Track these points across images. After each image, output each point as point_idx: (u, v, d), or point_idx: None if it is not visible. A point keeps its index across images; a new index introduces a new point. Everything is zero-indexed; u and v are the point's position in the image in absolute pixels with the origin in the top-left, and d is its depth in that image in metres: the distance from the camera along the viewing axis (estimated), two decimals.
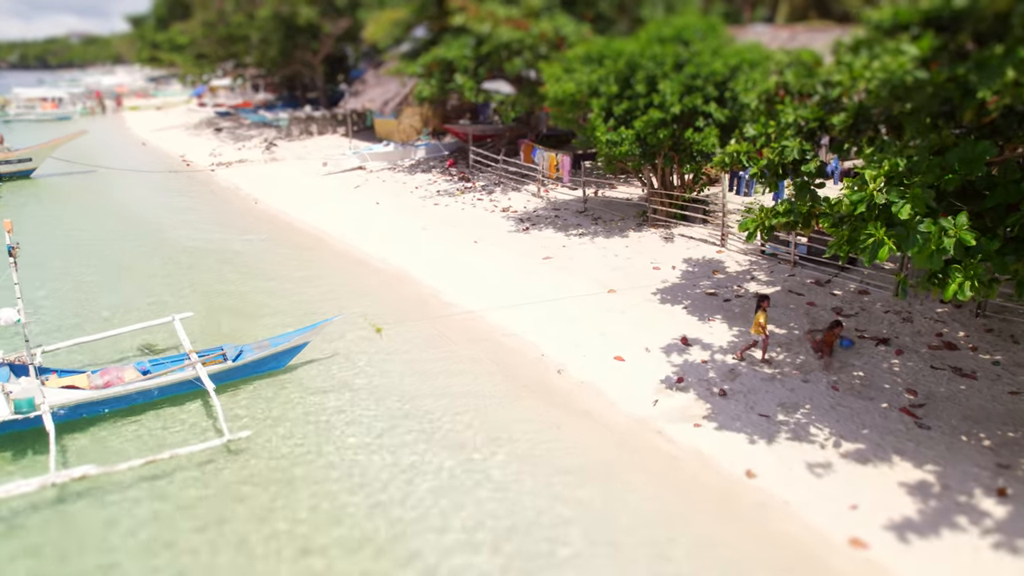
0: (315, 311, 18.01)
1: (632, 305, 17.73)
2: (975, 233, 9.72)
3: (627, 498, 10.86)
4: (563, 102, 22.37)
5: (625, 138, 21.59)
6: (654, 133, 21.50)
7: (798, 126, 14.31)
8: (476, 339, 16.28)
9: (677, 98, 20.95)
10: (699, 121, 21.54)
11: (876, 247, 9.67)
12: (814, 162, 14.26)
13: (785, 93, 15.32)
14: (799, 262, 20.31)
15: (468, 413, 13.31)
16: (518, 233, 24.75)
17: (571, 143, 38.33)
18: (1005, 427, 12.29)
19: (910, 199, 9.29)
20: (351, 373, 14.81)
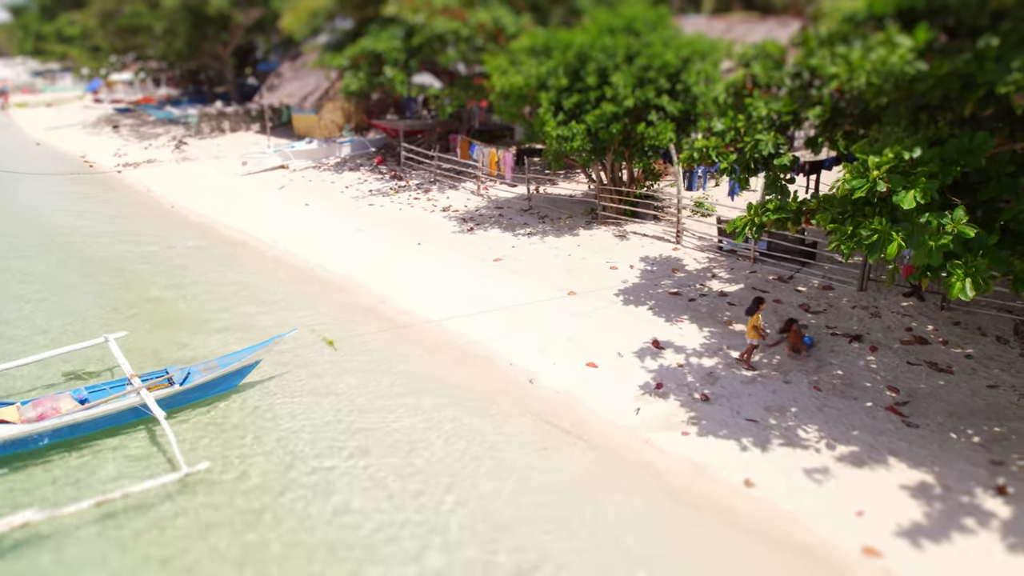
0: (257, 324, 17.11)
1: (595, 308, 17.49)
2: (974, 227, 9.80)
3: (625, 516, 10.53)
4: (509, 96, 22.00)
5: (576, 133, 21.36)
6: (606, 128, 21.36)
7: (770, 120, 14.31)
8: (438, 349, 15.73)
9: (630, 91, 20.84)
10: (651, 115, 21.49)
11: (881, 242, 9.62)
12: (787, 156, 14.29)
13: (753, 86, 15.35)
14: (759, 258, 20.47)
15: (441, 430, 12.77)
16: (463, 234, 24.26)
17: (506, 138, 38.11)
18: (990, 422, 12.52)
19: (914, 187, 9.26)
20: (309, 391, 14.03)
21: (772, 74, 15.10)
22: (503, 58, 22.13)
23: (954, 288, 9.59)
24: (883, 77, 9.71)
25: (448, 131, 37.97)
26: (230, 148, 40.41)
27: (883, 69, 9.73)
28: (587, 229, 24.27)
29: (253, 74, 58.91)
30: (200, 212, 28.23)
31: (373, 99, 42.40)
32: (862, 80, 9.98)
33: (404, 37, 29.92)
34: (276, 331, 15.90)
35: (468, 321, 16.87)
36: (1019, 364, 14.50)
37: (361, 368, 14.92)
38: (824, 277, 19.23)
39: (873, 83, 9.90)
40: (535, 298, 18.09)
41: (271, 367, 14.85)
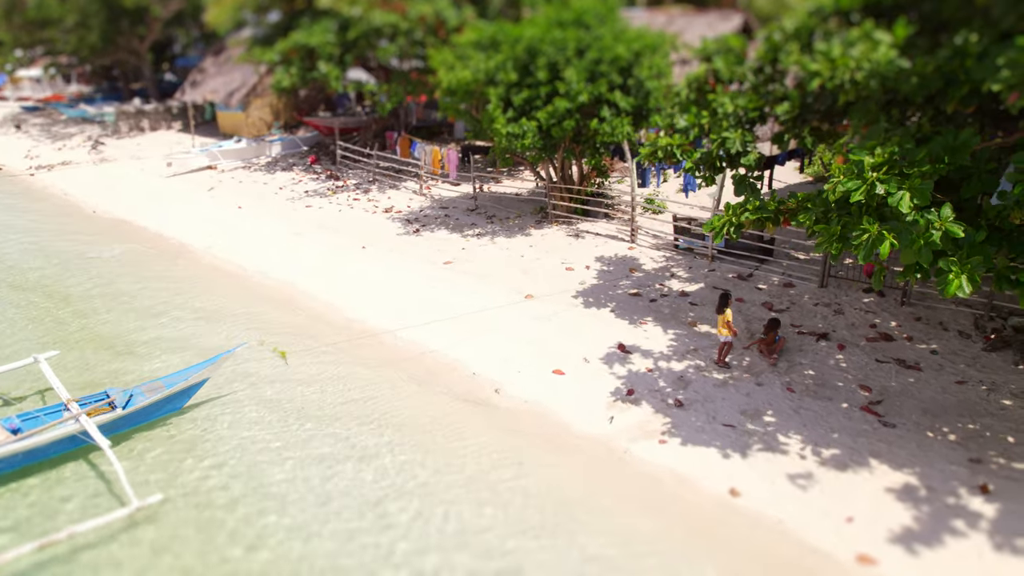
0: (199, 338, 16.31)
1: (555, 311, 17.24)
2: (962, 225, 9.84)
3: (615, 536, 10.27)
4: (456, 92, 21.58)
5: (527, 130, 21.09)
6: (559, 124, 21.13)
7: (737, 116, 14.27)
8: (395, 359, 15.23)
9: (583, 85, 20.65)
10: (604, 110, 21.35)
11: (872, 243, 9.57)
12: (753, 154, 14.27)
13: (716, 81, 15.30)
14: (717, 256, 20.53)
15: (406, 446, 12.31)
16: (408, 236, 23.74)
17: (444, 135, 37.66)
18: (963, 419, 12.68)
19: (910, 190, 9.23)
20: (263, 408, 13.38)
21: (734, 69, 15.09)
22: (449, 52, 21.69)
23: (951, 286, 9.60)
24: (869, 75, 9.64)
25: (384, 128, 37.30)
26: (152, 148, 38.91)
27: (868, 67, 9.67)
28: (538, 229, 24.03)
29: (171, 70, 57.00)
30: (125, 217, 26.98)
31: (302, 95, 41.38)
32: (847, 77, 9.90)
33: (338, 31, 29.17)
34: (220, 344, 15.20)
35: (424, 328, 16.41)
36: (983, 359, 14.78)
37: (317, 382, 14.33)
38: (784, 274, 19.37)
39: (858, 81, 9.83)
40: (491, 302, 17.74)
41: (220, 384, 14.14)
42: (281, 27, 32.46)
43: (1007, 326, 16.17)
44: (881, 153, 9.46)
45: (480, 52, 21.53)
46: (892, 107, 11.69)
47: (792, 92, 13.25)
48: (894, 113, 11.55)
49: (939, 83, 9.55)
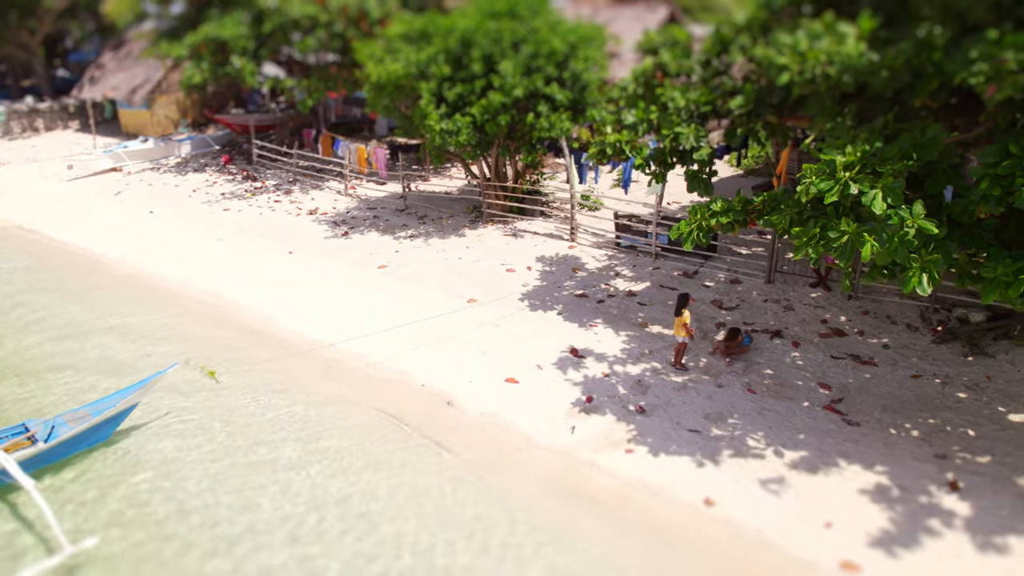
0: (120, 358, 15.30)
1: (501, 316, 16.86)
2: (934, 221, 9.87)
3: (588, 551, 9.96)
4: (385, 86, 20.97)
5: (462, 126, 20.64)
6: (493, 119, 20.76)
7: (689, 111, 14.16)
8: (337, 373, 14.59)
9: (519, 79, 20.32)
10: (540, 104, 21.07)
11: (851, 245, 9.50)
12: (706, 149, 14.19)
13: (663, 75, 15.18)
14: (661, 254, 20.49)
15: (354, 469, 11.74)
16: (337, 239, 23.01)
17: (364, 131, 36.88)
18: (922, 413, 12.85)
19: (884, 189, 9.19)
20: (196, 435, 12.56)
21: (682, 62, 14.99)
22: (377, 45, 21.05)
23: (910, 283, 9.62)
24: (841, 69, 9.57)
25: (302, 125, 36.29)
26: (49, 149, 36.88)
27: (839, 60, 9.60)
28: (473, 229, 23.62)
29: (64, 65, 54.31)
30: (24, 225, 25.35)
31: (210, 92, 39.88)
32: (818, 72, 9.81)
33: (252, 23, 28.11)
34: (145, 364, 14.30)
35: (364, 338, 15.80)
36: (933, 352, 15.06)
37: (253, 403, 13.59)
38: (730, 271, 19.45)
39: (831, 75, 9.75)
40: (433, 309, 17.24)
41: (148, 409, 13.25)
42: (188, 19, 31.13)
43: (952, 318, 16.53)
44: (852, 152, 9.39)
45: (410, 45, 20.97)
46: (849, 101, 11.70)
47: (746, 86, 13.18)
48: (851, 108, 11.55)
49: (908, 77, 9.54)
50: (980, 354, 14.96)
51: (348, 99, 37.55)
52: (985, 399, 13.32)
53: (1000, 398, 13.34)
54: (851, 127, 9.99)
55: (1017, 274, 9.53)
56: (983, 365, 14.51)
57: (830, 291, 18.05)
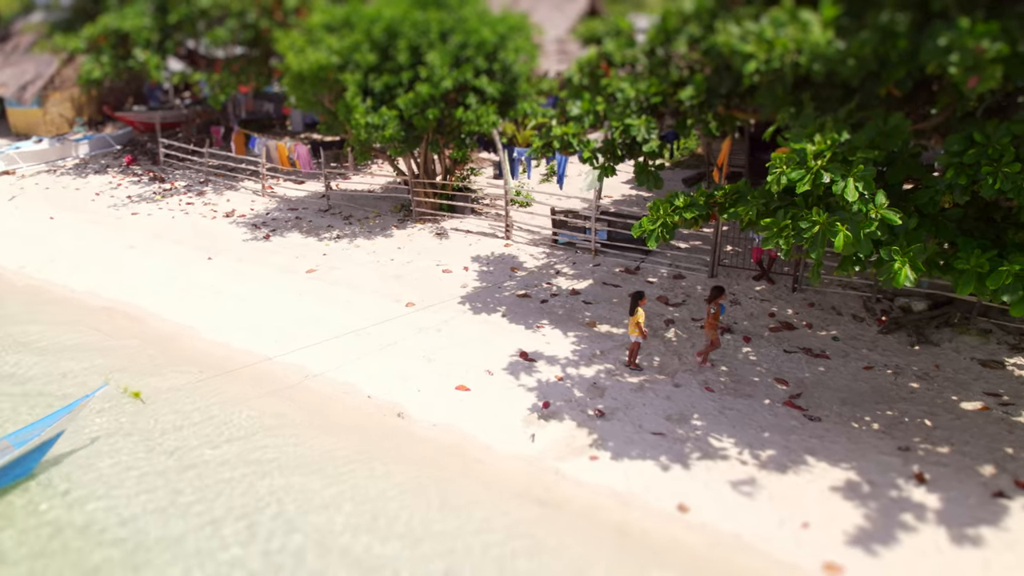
0: (33, 382, 14.18)
1: (443, 320, 16.41)
2: (898, 211, 9.90)
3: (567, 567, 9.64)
4: (307, 78, 20.21)
5: (389, 120, 20.07)
6: (421, 113, 20.25)
7: (638, 102, 13.98)
8: (274, 388, 13.88)
9: (447, 71, 19.86)
10: (469, 97, 20.67)
11: (823, 236, 9.42)
12: (655, 141, 14.04)
13: (608, 65, 14.99)
14: (600, 250, 20.35)
15: (301, 494, 11.11)
16: (258, 242, 22.12)
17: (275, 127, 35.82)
18: (879, 406, 13.00)
19: (854, 177, 9.13)
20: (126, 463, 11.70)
21: (626, 52, 14.81)
22: (297, 35, 20.26)
23: (900, 276, 9.61)
24: (811, 57, 9.47)
25: (209, 122, 34.94)
26: None
27: (808, 48, 9.50)
28: (402, 228, 23.07)
29: None
30: None
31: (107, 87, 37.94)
32: (788, 60, 9.70)
33: (156, 13, 26.80)
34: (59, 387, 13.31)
35: (297, 347, 15.12)
36: (882, 342, 15.31)
37: (184, 424, 12.77)
38: (672, 265, 19.45)
39: (801, 64, 9.65)
40: (369, 314, 16.67)
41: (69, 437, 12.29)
42: (82, 10, 29.49)
43: (895, 307, 16.88)
44: (822, 140, 9.32)
45: (332, 34, 20.25)
46: (802, 91, 11.67)
47: (696, 77, 13.06)
48: (805, 97, 11.52)
49: (874, 65, 9.51)
50: (926, 342, 15.27)
51: (258, 94, 36.35)
52: (936, 388, 13.56)
53: (951, 386, 13.60)
54: (816, 116, 9.90)
55: (993, 265, 9.59)
56: (930, 354, 14.80)
57: (773, 283, 18.22)
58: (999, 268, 9.73)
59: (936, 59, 8.68)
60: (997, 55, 8.23)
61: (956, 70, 8.30)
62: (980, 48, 8.30)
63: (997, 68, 8.27)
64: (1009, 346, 15.04)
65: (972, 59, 8.16)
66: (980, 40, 8.37)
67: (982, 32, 8.47)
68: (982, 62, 8.18)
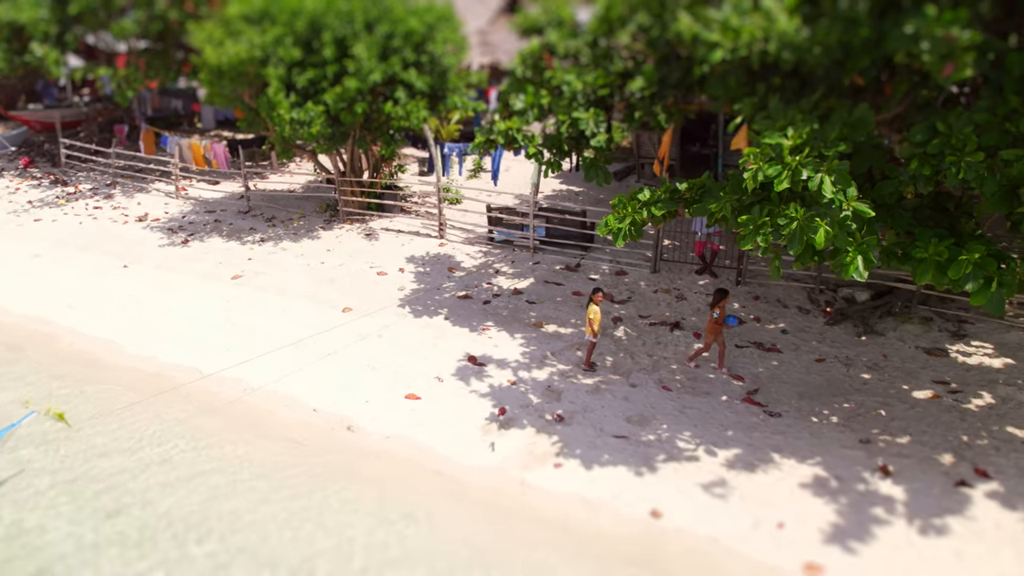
0: None
1: (383, 325, 15.94)
2: (868, 202, 9.95)
3: None
4: (226, 73, 19.39)
5: (315, 116, 19.44)
6: (349, 108, 19.69)
7: (585, 95, 13.81)
8: (211, 406, 13.17)
9: (376, 63, 19.32)
10: (398, 91, 20.19)
11: (801, 232, 9.37)
12: (603, 136, 13.90)
13: (551, 56, 14.78)
14: (539, 247, 20.15)
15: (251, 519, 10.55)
16: (177, 248, 21.17)
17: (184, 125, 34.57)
18: (836, 398, 13.14)
19: (829, 172, 9.11)
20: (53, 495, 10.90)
21: (569, 43, 14.62)
22: (216, 27, 19.42)
23: (850, 268, 9.65)
24: (780, 45, 9.40)
25: (112, 120, 33.40)
26: None
27: (777, 36, 9.43)
28: (329, 229, 22.44)
29: None
30: None
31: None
32: (756, 49, 9.60)
33: (55, 4, 25.36)
34: None
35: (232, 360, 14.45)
36: (829, 333, 15.53)
37: (117, 449, 11.98)
38: (613, 262, 19.38)
39: (770, 52, 9.56)
40: (305, 321, 16.07)
41: None
42: None
43: (838, 298, 17.16)
44: (796, 134, 9.27)
45: (252, 26, 19.49)
46: (757, 81, 11.65)
47: (646, 68, 12.95)
48: (760, 88, 11.50)
49: (839, 54, 9.51)
50: (872, 332, 15.56)
51: (165, 90, 34.95)
52: (888, 378, 13.80)
53: (901, 376, 13.86)
54: (784, 108, 9.86)
55: (952, 254, 9.70)
56: (877, 344, 15.07)
57: (716, 277, 18.32)
58: (959, 258, 9.86)
59: (904, 47, 8.69)
60: (970, 43, 8.28)
61: (930, 58, 8.31)
62: (951, 36, 8.34)
63: (970, 55, 8.33)
64: (950, 333, 15.42)
65: (946, 47, 8.19)
66: (949, 28, 8.41)
67: (950, 20, 8.51)
68: (956, 50, 8.22)
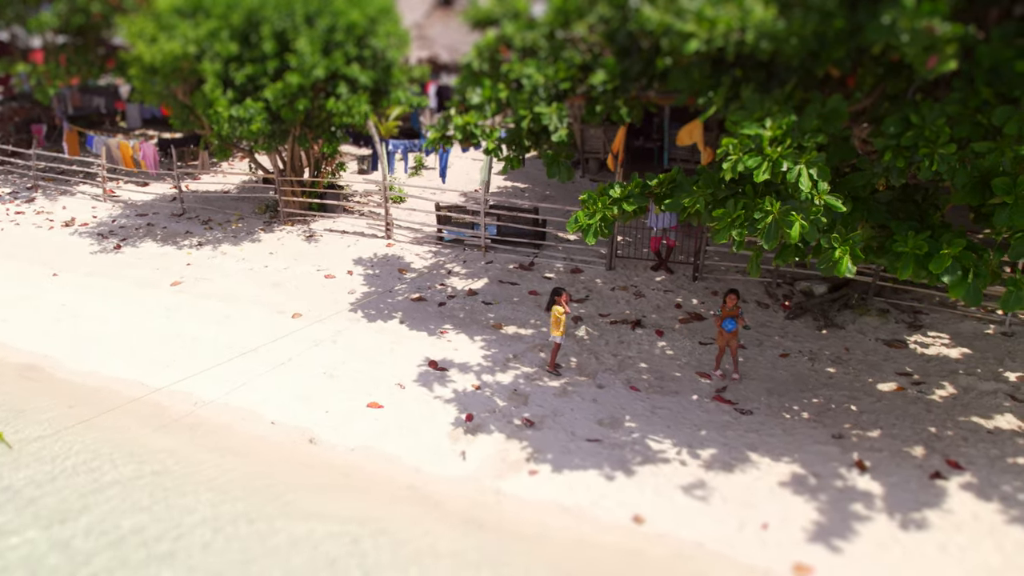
0: None
1: (337, 331, 15.51)
2: (840, 196, 9.96)
3: None
4: (160, 70, 18.67)
5: (255, 113, 18.86)
6: (291, 105, 19.16)
7: (547, 88, 13.61)
8: (160, 423, 12.56)
9: (318, 57, 18.83)
10: (340, 86, 19.72)
11: (776, 226, 9.31)
12: (564, 130, 13.73)
13: (508, 49, 14.56)
14: (491, 246, 19.92)
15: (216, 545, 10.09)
16: (109, 254, 20.34)
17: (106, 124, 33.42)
18: (804, 394, 13.22)
19: (810, 165, 9.08)
20: None
21: (526, 35, 14.41)
22: (147, 21, 18.66)
23: (841, 265, 9.65)
24: (758, 35, 9.32)
25: (29, 120, 32.05)
26: None
27: (754, 26, 9.34)
28: (269, 232, 21.84)
29: None
30: None
31: None
32: (733, 39, 9.51)
33: None
34: None
35: (179, 372, 13.87)
36: (791, 328, 15.66)
37: (63, 472, 11.32)
38: (567, 259, 19.26)
39: (748, 42, 9.48)
40: (254, 328, 15.54)
41: None
42: None
43: (796, 291, 17.33)
44: (775, 125, 9.21)
45: (185, 20, 18.80)
46: (721, 73, 11.61)
47: (608, 60, 12.82)
48: (724, 80, 11.46)
49: (815, 44, 9.49)
50: (832, 325, 15.73)
51: (86, 88, 33.67)
52: (852, 371, 13.94)
53: (864, 369, 14.02)
54: (761, 99, 9.81)
55: (932, 248, 9.77)
56: (838, 337, 15.25)
57: (672, 273, 18.34)
58: (940, 252, 9.94)
59: (883, 39, 8.69)
60: (952, 36, 8.31)
61: (913, 50, 8.32)
62: (931, 27, 8.35)
63: (953, 47, 8.36)
64: (907, 324, 15.68)
65: (928, 39, 8.19)
66: (929, 19, 8.42)
67: (928, 11, 8.53)
68: (938, 42, 8.24)
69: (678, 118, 26.39)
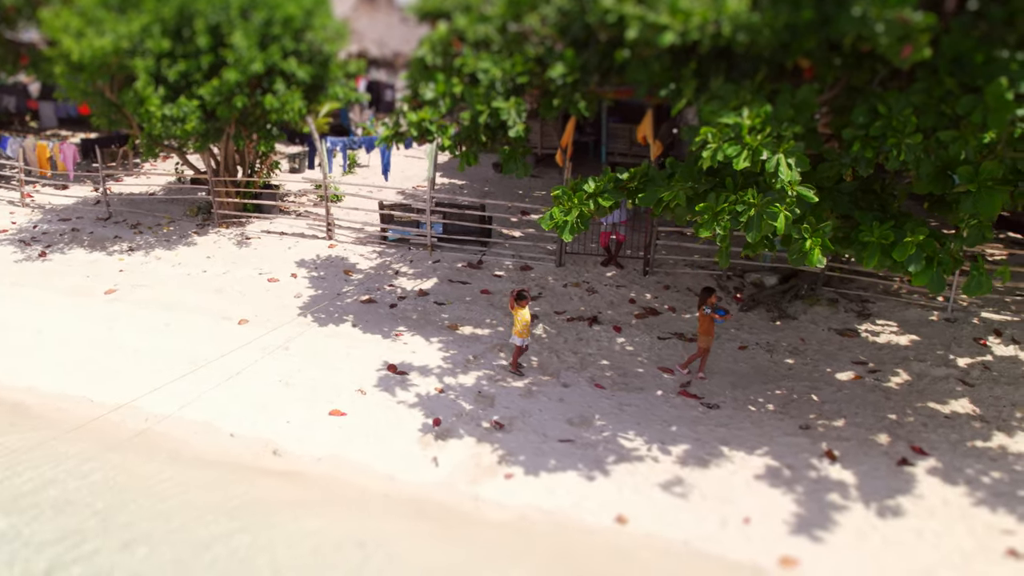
0: None
1: (288, 337, 15.12)
2: (812, 187, 10.09)
3: None
4: (87, 66, 17.90)
5: (188, 112, 18.26)
6: (227, 102, 18.61)
7: (504, 82, 13.49)
8: (115, 441, 11.96)
9: (255, 52, 18.32)
10: (277, 82, 19.24)
11: (759, 218, 9.37)
12: (521, 125, 13.64)
13: (461, 42, 14.40)
14: (437, 244, 19.71)
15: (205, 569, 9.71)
16: (34, 262, 19.43)
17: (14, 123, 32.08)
18: (766, 386, 13.41)
19: (788, 154, 9.16)
20: None
21: (478, 28, 14.27)
22: (72, 16, 17.86)
23: (813, 256, 9.78)
24: (734, 28, 9.35)
25: None
26: None
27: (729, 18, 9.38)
28: (204, 235, 21.21)
29: None
30: None
31: None
32: (709, 31, 9.52)
33: None
34: None
35: (134, 387, 13.32)
36: (746, 320, 15.88)
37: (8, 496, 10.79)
38: (516, 257, 19.17)
39: (724, 34, 9.50)
40: (200, 337, 15.01)
41: None
42: None
43: (747, 283, 17.59)
44: (753, 114, 9.27)
45: (113, 14, 18.07)
46: (683, 65, 11.66)
47: (566, 52, 12.77)
48: (686, 72, 11.51)
49: (787, 36, 9.58)
50: (785, 317, 16.01)
51: None
52: (811, 362, 14.21)
53: (822, 359, 14.31)
54: (736, 88, 9.86)
55: (897, 237, 9.97)
56: (792, 328, 15.52)
57: (623, 268, 18.42)
58: (904, 240, 10.16)
59: (855, 30, 8.82)
60: (925, 25, 8.47)
61: (887, 40, 8.45)
62: (903, 18, 8.50)
63: (926, 37, 8.52)
64: (856, 313, 16.06)
65: (902, 28, 8.34)
66: (900, 8, 8.57)
67: (897, 1, 8.68)
68: (912, 31, 8.39)
69: (616, 112, 26.64)
